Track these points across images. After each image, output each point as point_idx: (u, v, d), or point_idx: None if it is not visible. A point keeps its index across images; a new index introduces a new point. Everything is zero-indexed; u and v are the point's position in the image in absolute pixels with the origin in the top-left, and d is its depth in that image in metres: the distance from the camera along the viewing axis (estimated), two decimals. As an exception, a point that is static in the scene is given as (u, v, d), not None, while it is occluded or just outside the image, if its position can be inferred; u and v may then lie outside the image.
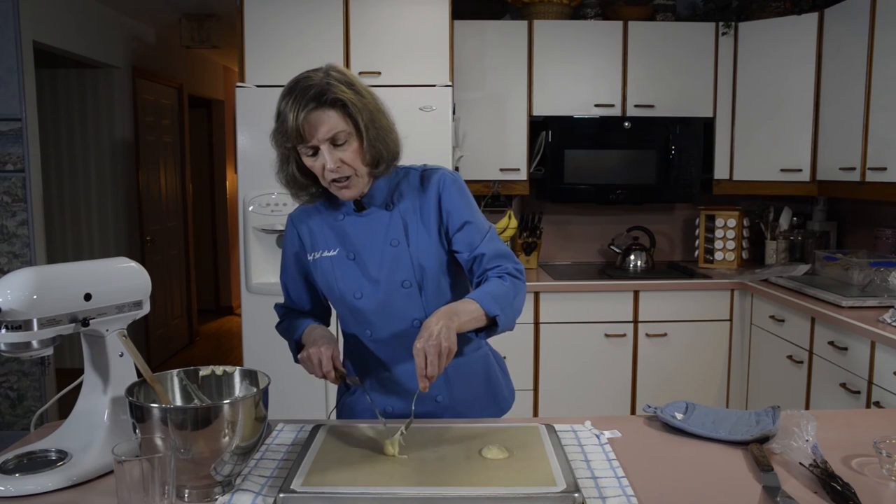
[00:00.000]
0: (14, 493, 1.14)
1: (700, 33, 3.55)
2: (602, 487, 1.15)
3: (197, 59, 6.17)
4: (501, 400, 1.64)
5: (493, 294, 1.37)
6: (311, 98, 1.33)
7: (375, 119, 1.39)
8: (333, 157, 1.36)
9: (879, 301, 2.67)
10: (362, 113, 1.36)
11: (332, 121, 1.34)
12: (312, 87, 1.33)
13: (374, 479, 1.13)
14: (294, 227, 1.56)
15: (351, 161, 1.37)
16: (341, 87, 1.35)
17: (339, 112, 1.34)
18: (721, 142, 3.62)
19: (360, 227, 1.49)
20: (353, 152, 1.37)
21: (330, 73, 1.37)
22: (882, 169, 2.85)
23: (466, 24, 3.47)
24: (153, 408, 1.06)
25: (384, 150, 1.42)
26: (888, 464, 1.19)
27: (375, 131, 1.39)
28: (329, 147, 1.36)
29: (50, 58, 4.26)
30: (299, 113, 1.32)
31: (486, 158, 3.54)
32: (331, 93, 1.33)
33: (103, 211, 4.95)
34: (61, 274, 1.22)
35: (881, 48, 2.85)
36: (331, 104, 1.33)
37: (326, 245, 1.51)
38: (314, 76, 1.36)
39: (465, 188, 1.52)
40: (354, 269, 1.47)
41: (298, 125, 1.33)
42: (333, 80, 1.35)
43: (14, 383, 3.78)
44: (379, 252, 1.47)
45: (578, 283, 3.34)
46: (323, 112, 1.33)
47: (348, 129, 1.36)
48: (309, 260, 1.53)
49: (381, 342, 1.50)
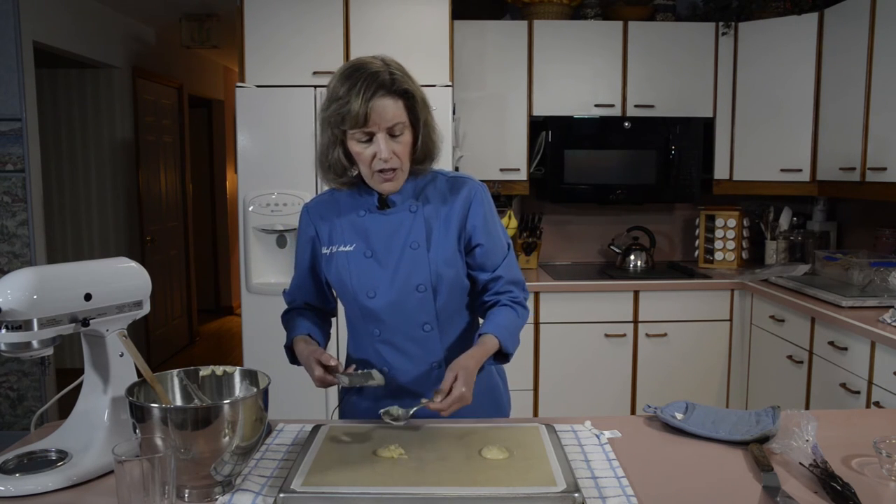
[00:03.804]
0: (14, 493, 1.14)
1: (700, 33, 3.55)
2: (602, 487, 1.15)
3: (197, 59, 6.17)
4: (503, 405, 1.64)
5: (509, 329, 1.43)
6: (380, 84, 1.33)
7: (430, 116, 1.43)
8: (388, 146, 1.36)
9: (879, 301, 2.67)
10: (424, 108, 1.40)
11: (396, 110, 1.35)
12: (379, 74, 1.34)
13: (374, 479, 1.13)
14: (311, 219, 1.55)
15: (401, 154, 1.38)
16: (407, 79, 1.37)
17: (403, 103, 1.36)
18: (721, 142, 3.62)
19: (382, 226, 1.47)
20: (406, 145, 1.39)
21: (390, 65, 1.38)
22: (882, 169, 2.85)
23: (466, 24, 3.47)
24: (153, 408, 1.06)
25: (432, 148, 1.44)
26: (888, 464, 1.19)
27: (428, 128, 1.42)
28: (386, 136, 1.36)
29: (50, 58, 4.26)
30: (366, 98, 1.32)
31: (486, 158, 3.54)
32: (399, 83, 1.35)
33: (103, 211, 4.95)
34: (61, 274, 1.22)
35: (881, 48, 2.86)
36: (399, 94, 1.35)
37: (344, 240, 1.49)
38: (375, 64, 1.36)
39: (493, 204, 1.53)
40: (370, 267, 1.46)
41: (366, 110, 1.32)
42: (396, 70, 1.37)
43: (14, 383, 3.78)
44: (398, 253, 1.46)
45: (578, 283, 3.34)
46: (390, 100, 1.34)
47: (406, 122, 1.37)
48: (324, 254, 1.52)
49: (387, 343, 1.50)
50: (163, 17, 4.93)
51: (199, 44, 4.93)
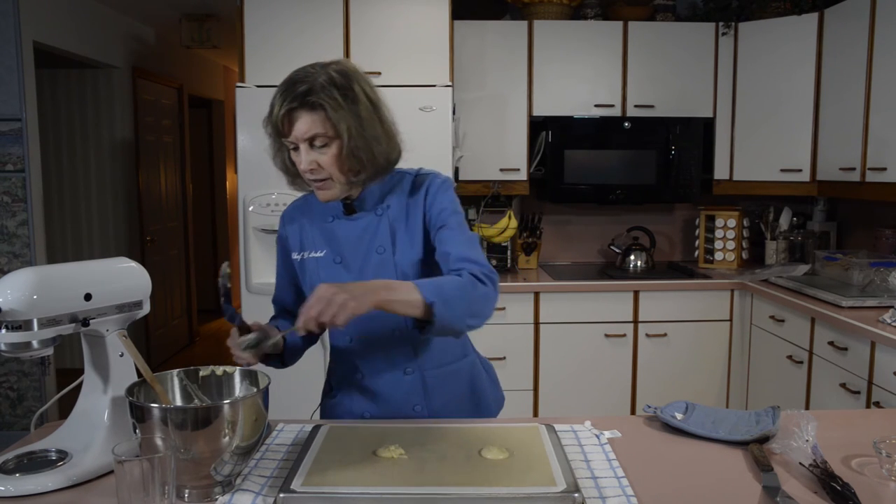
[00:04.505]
0: (14, 493, 1.14)
1: (700, 33, 3.55)
2: (602, 487, 1.15)
3: (197, 59, 6.17)
4: (485, 408, 1.61)
5: (438, 284, 1.26)
6: (295, 96, 1.30)
7: (366, 127, 1.34)
8: (309, 158, 1.33)
9: (879, 301, 2.67)
10: (347, 120, 1.31)
11: (310, 122, 1.31)
12: (302, 84, 1.31)
13: (374, 479, 1.13)
14: (283, 223, 1.55)
15: (327, 165, 1.34)
16: (333, 90, 1.31)
17: (321, 115, 1.31)
18: (721, 142, 3.62)
19: (349, 231, 1.46)
20: (332, 157, 1.33)
21: (331, 73, 1.33)
22: (882, 169, 2.85)
23: (466, 24, 3.47)
24: (153, 408, 1.06)
25: (367, 160, 1.36)
26: (888, 464, 1.19)
27: (361, 140, 1.34)
28: (307, 147, 1.33)
29: (50, 58, 4.26)
30: (281, 108, 1.31)
31: (486, 158, 3.54)
32: (315, 95, 1.30)
33: (103, 211, 4.95)
34: (61, 274, 1.22)
35: (881, 48, 2.85)
36: (311, 106, 1.30)
37: (314, 246, 1.48)
38: (313, 73, 1.33)
39: (453, 193, 1.47)
40: (338, 274, 1.44)
41: (283, 121, 1.32)
42: (328, 81, 1.31)
43: (14, 383, 3.78)
44: (364, 258, 1.44)
45: (578, 283, 3.34)
46: (304, 112, 1.31)
47: (329, 133, 1.32)
48: (295, 259, 1.51)
49: (360, 349, 1.49)
50: (163, 17, 4.93)
51: (199, 44, 4.93)
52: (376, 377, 1.50)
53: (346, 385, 1.55)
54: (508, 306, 3.30)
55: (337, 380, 1.58)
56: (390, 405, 1.50)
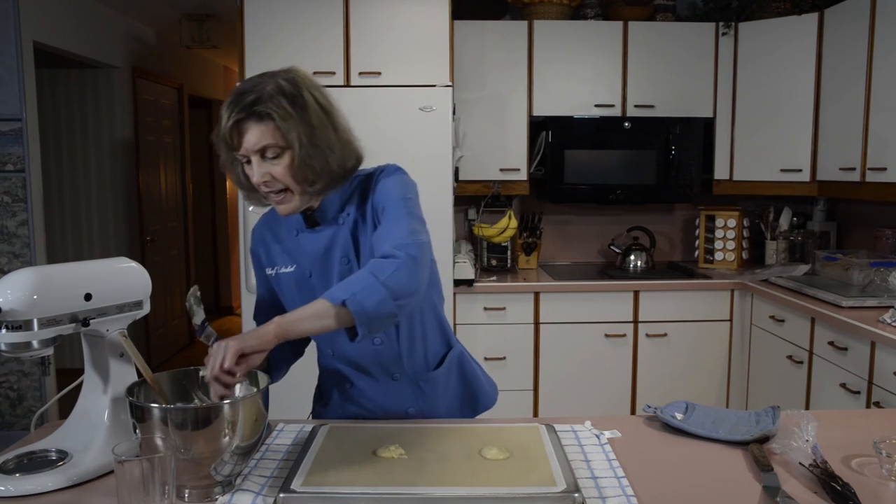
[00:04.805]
0: (14, 493, 1.14)
1: (700, 33, 3.55)
2: (602, 487, 1.15)
3: (197, 59, 6.17)
4: (484, 397, 1.61)
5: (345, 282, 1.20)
6: (243, 107, 1.25)
7: (317, 136, 1.29)
8: (261, 170, 1.28)
9: (879, 301, 2.67)
10: (298, 129, 1.26)
11: (260, 133, 1.26)
12: (249, 94, 1.26)
13: (374, 479, 1.13)
14: (253, 238, 1.51)
15: (281, 176, 1.28)
16: (281, 99, 1.26)
17: (270, 125, 1.26)
18: (721, 142, 3.62)
19: (314, 244, 1.41)
20: (284, 168, 1.28)
21: (279, 81, 1.28)
22: (882, 169, 2.85)
23: (466, 24, 3.47)
24: (153, 408, 1.06)
25: (321, 169, 1.30)
26: (888, 464, 1.19)
27: (313, 149, 1.28)
28: (258, 159, 1.28)
29: (50, 58, 4.26)
30: (229, 120, 1.25)
31: (486, 158, 3.54)
32: (263, 105, 1.25)
33: (103, 211, 4.95)
34: (61, 274, 1.22)
35: (881, 48, 2.85)
36: (259, 116, 1.25)
37: (283, 261, 1.44)
38: (260, 82, 1.28)
39: (397, 177, 1.39)
40: (310, 289, 1.40)
41: (232, 133, 1.26)
42: (275, 90, 1.26)
43: (14, 383, 3.78)
44: (332, 270, 1.40)
45: (578, 283, 3.34)
46: (253, 123, 1.25)
47: (280, 143, 1.26)
48: (270, 274, 1.47)
49: (344, 361, 1.48)
50: (163, 17, 4.93)
51: (199, 44, 4.93)
52: (366, 385, 1.50)
53: (336, 393, 1.55)
54: (508, 306, 3.30)
55: (328, 388, 1.58)
56: (384, 410, 1.50)
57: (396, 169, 1.42)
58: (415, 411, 1.50)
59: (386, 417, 1.49)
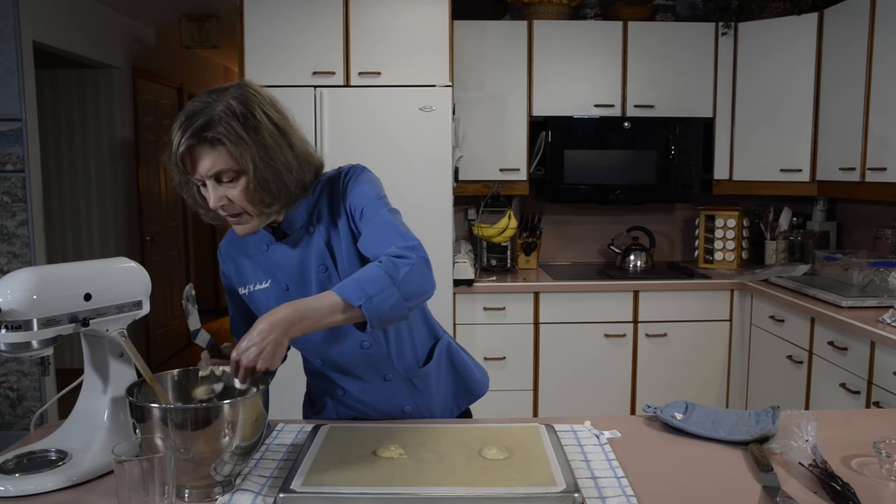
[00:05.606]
0: (14, 493, 1.14)
1: (700, 33, 3.55)
2: (602, 487, 1.15)
3: (197, 59, 6.17)
4: (476, 385, 1.61)
5: (359, 280, 1.17)
6: (193, 132, 1.18)
7: (272, 156, 1.24)
8: (217, 193, 1.23)
9: (879, 301, 2.67)
10: (251, 151, 1.21)
11: (213, 159, 1.20)
12: (198, 117, 1.19)
13: (374, 479, 1.13)
14: (221, 258, 1.47)
15: (237, 200, 1.24)
16: (232, 121, 1.20)
17: (223, 150, 1.20)
18: (721, 142, 3.62)
19: (287, 256, 1.37)
20: (241, 191, 1.23)
21: (229, 101, 1.22)
22: (882, 169, 2.85)
23: (466, 24, 3.47)
24: (153, 408, 1.06)
25: (277, 190, 1.26)
26: (888, 464, 1.19)
27: (269, 171, 1.23)
28: (213, 183, 1.23)
29: (50, 58, 4.26)
30: (180, 146, 1.19)
31: (486, 158, 3.54)
32: (213, 129, 1.18)
33: (103, 211, 4.95)
34: (61, 274, 1.22)
35: (881, 48, 2.86)
36: (211, 142, 1.19)
37: (256, 278, 1.41)
38: (210, 103, 1.21)
39: (364, 177, 1.37)
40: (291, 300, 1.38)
41: (184, 158, 1.21)
42: (227, 111, 1.20)
43: (14, 383, 3.78)
44: (309, 280, 1.37)
45: (578, 283, 3.34)
46: (206, 148, 1.20)
47: (234, 168, 1.21)
48: (244, 294, 1.43)
49: (334, 369, 1.48)
50: (163, 17, 4.93)
51: (199, 44, 4.93)
52: (358, 389, 1.49)
53: (329, 399, 1.54)
54: (508, 306, 3.30)
55: (319, 396, 1.56)
56: (379, 411, 1.50)
57: (363, 169, 1.39)
58: (411, 409, 1.50)
59: (383, 418, 1.49)
